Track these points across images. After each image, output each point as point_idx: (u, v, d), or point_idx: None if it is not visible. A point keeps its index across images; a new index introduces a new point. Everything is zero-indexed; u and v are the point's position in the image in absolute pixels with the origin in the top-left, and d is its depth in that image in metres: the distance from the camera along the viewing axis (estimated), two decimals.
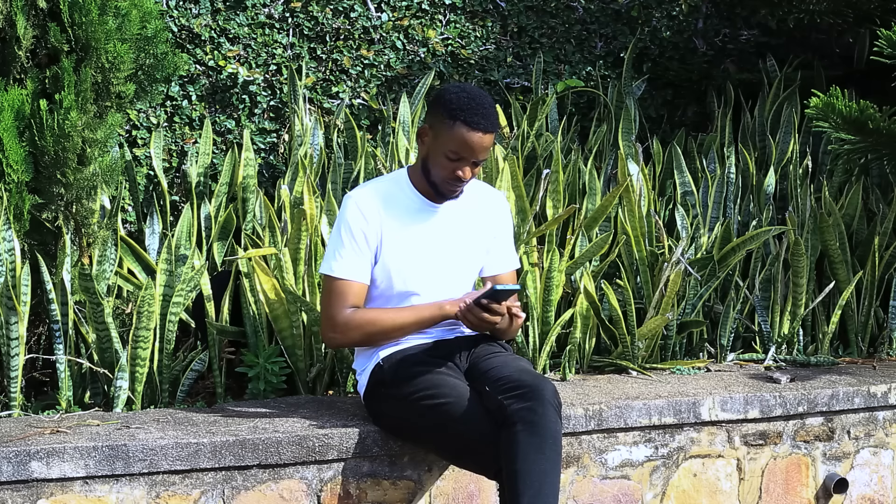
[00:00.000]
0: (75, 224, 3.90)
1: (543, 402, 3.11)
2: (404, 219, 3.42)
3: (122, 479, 3.17)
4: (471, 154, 3.33)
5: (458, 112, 3.31)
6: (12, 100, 3.69)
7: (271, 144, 5.11)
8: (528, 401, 3.11)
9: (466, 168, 3.35)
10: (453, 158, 3.33)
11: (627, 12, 5.75)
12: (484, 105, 3.33)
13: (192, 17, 5.00)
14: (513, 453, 3.07)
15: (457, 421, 3.20)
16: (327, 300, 3.40)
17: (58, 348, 3.68)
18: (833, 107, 4.49)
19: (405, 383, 3.32)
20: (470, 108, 3.31)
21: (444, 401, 3.23)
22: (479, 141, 3.32)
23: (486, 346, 3.47)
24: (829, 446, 4.10)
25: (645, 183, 4.62)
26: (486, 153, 3.36)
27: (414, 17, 5.37)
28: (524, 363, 3.37)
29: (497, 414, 3.16)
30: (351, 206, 3.41)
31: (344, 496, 3.38)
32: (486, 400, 3.21)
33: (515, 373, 3.23)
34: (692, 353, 4.51)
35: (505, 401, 3.13)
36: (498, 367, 3.29)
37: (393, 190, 3.45)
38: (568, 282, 4.31)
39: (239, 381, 4.04)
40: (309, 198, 4.00)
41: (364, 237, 3.38)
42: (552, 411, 3.12)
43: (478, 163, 3.37)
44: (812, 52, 5.85)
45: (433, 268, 3.43)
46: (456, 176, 3.35)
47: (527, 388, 3.14)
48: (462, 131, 3.30)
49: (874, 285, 4.69)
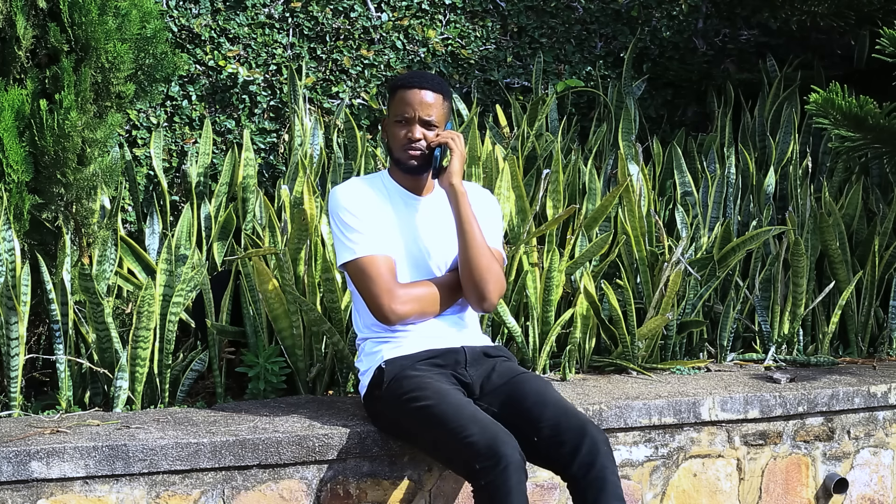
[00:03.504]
0: (75, 224, 3.90)
1: (607, 456, 3.15)
2: (386, 210, 3.46)
3: (122, 479, 3.17)
4: (412, 111, 3.41)
5: (397, 81, 3.49)
6: (12, 100, 3.69)
7: (271, 144, 5.11)
8: (592, 456, 3.13)
9: (415, 127, 3.41)
10: (401, 121, 3.42)
11: (627, 12, 5.75)
12: (422, 73, 3.53)
13: (192, 17, 5.00)
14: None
15: (438, 424, 3.17)
16: (368, 281, 3.36)
17: (58, 348, 3.68)
18: (833, 102, 4.49)
19: (399, 386, 3.32)
20: (406, 75, 3.51)
21: (427, 403, 3.22)
22: (418, 97, 3.41)
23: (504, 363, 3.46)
24: (829, 446, 4.10)
25: (645, 183, 4.62)
26: (433, 111, 3.43)
27: (414, 17, 5.37)
28: (560, 397, 3.34)
29: (552, 464, 3.22)
30: (342, 194, 3.45)
31: (344, 496, 3.38)
32: (536, 445, 3.22)
33: (562, 416, 3.22)
34: (692, 353, 4.52)
35: (563, 458, 3.16)
36: (538, 406, 3.26)
37: (374, 184, 3.51)
38: (568, 282, 4.31)
39: (239, 381, 4.04)
40: (309, 198, 4.00)
41: (367, 214, 3.41)
42: (612, 463, 3.16)
43: (427, 123, 3.42)
44: (812, 52, 5.85)
45: (415, 258, 3.44)
46: (406, 138, 3.41)
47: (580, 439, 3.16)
48: (400, 93, 3.44)
49: (874, 285, 4.69)
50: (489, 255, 3.42)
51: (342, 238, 3.41)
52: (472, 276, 3.41)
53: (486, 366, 3.43)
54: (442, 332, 3.45)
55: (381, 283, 3.35)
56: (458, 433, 3.09)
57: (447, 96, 3.47)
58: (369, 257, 3.37)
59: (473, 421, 3.12)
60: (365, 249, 3.38)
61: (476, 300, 3.44)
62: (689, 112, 5.88)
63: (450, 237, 3.49)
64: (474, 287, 3.42)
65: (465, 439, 3.07)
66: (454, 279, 3.47)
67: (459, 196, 3.41)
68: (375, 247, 3.38)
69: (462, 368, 3.40)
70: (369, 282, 3.36)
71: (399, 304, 3.36)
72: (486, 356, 3.45)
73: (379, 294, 3.35)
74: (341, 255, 3.42)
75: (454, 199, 3.42)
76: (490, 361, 3.45)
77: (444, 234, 3.49)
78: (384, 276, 3.35)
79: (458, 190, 3.41)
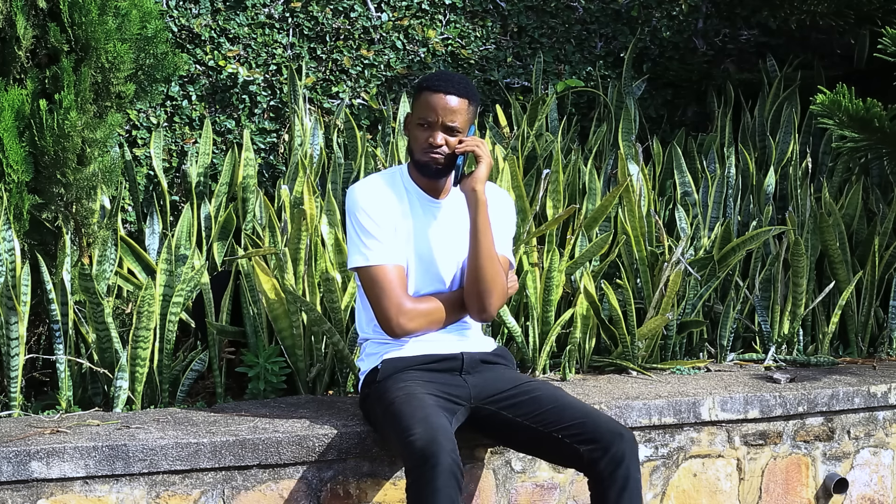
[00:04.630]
0: (75, 224, 3.90)
1: (634, 456, 3.19)
2: (404, 212, 3.42)
3: (122, 479, 3.17)
4: (436, 115, 3.36)
5: (424, 82, 3.43)
6: (12, 100, 3.69)
7: (271, 144, 5.11)
8: (621, 456, 3.17)
9: (437, 133, 3.37)
10: (423, 125, 3.38)
11: (627, 12, 5.76)
12: (449, 75, 3.44)
13: (192, 17, 5.01)
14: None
15: (394, 423, 3.16)
16: (378, 291, 3.34)
17: (58, 348, 3.68)
18: (839, 104, 4.49)
19: (385, 387, 3.32)
20: (435, 77, 3.43)
21: (391, 402, 3.22)
22: (442, 101, 3.36)
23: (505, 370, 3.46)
24: (829, 446, 4.10)
25: (645, 183, 4.62)
26: (456, 117, 3.37)
27: (414, 17, 5.37)
28: (576, 399, 3.36)
29: (576, 461, 3.25)
30: (360, 195, 3.39)
31: (344, 496, 3.38)
32: (558, 445, 3.24)
33: (587, 417, 3.25)
34: (692, 353, 4.52)
35: (591, 454, 3.19)
36: (557, 409, 3.28)
37: (392, 183, 3.46)
38: (568, 282, 4.31)
39: (239, 381, 4.04)
40: (309, 198, 4.00)
41: (385, 220, 3.37)
42: (637, 462, 3.20)
43: (451, 129, 3.37)
44: (812, 52, 5.85)
45: (426, 263, 3.43)
46: (428, 143, 3.37)
47: (612, 437, 3.19)
48: (426, 95, 3.38)
49: (874, 285, 4.69)
50: (497, 267, 3.41)
51: (357, 241, 3.38)
52: (476, 286, 3.40)
53: (486, 372, 3.42)
54: (443, 337, 3.44)
55: (392, 297, 3.34)
56: (404, 432, 3.09)
57: (473, 100, 3.41)
58: (382, 267, 3.35)
59: (422, 422, 3.11)
60: (379, 258, 3.35)
61: (476, 310, 3.43)
62: (689, 112, 5.88)
63: (463, 244, 3.46)
64: (476, 297, 3.41)
65: (407, 438, 3.07)
66: (462, 296, 3.46)
67: (480, 205, 3.38)
68: (389, 256, 3.36)
69: (458, 375, 3.39)
70: (380, 292, 3.35)
71: (407, 321, 3.36)
72: (484, 363, 3.45)
73: (389, 307, 3.34)
74: (354, 259, 3.39)
75: (474, 205, 3.39)
76: (489, 368, 3.44)
77: (457, 240, 3.46)
78: (396, 289, 3.34)
79: (480, 199, 3.38)
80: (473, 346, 3.46)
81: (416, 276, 3.42)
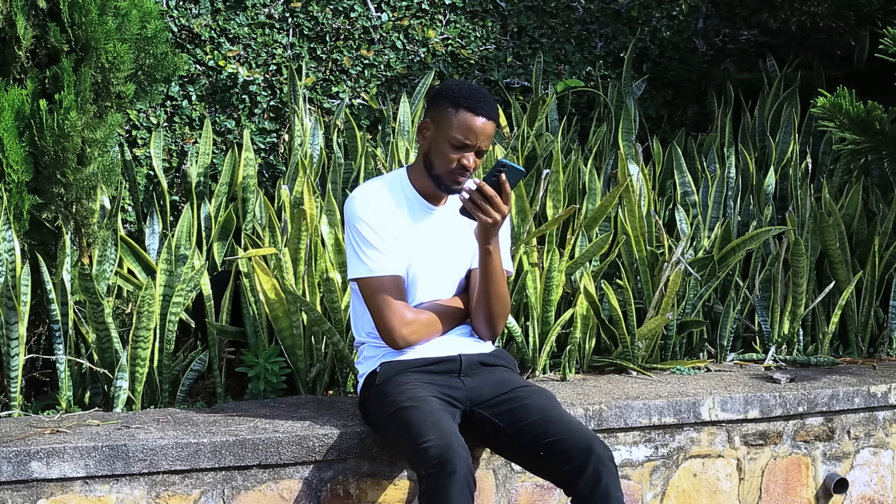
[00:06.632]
0: (75, 224, 3.90)
1: (611, 473, 3.15)
2: (403, 220, 3.41)
3: (122, 479, 3.17)
4: (474, 139, 3.33)
5: (461, 99, 3.34)
6: (12, 100, 3.69)
7: (271, 144, 5.11)
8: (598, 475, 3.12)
9: (470, 155, 3.34)
10: (457, 146, 3.34)
11: (627, 12, 5.76)
12: (485, 94, 3.39)
13: (192, 17, 5.01)
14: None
15: (404, 428, 3.15)
16: (381, 303, 3.33)
17: (58, 348, 3.68)
18: (840, 107, 4.49)
19: (386, 389, 3.31)
20: (472, 96, 3.35)
21: (399, 407, 3.21)
22: (482, 127, 3.33)
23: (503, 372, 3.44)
24: (829, 446, 4.10)
25: (645, 183, 4.62)
26: (489, 142, 3.37)
27: (414, 17, 5.37)
28: (563, 412, 3.32)
29: (558, 479, 3.22)
30: (360, 203, 3.38)
31: (344, 496, 3.38)
32: (540, 462, 3.23)
33: (567, 433, 3.21)
34: (692, 353, 4.52)
35: (568, 475, 3.15)
36: (543, 422, 3.24)
37: (392, 190, 3.44)
38: (568, 282, 4.31)
39: (239, 381, 4.04)
40: (309, 198, 4.00)
41: (386, 230, 3.36)
42: (616, 479, 3.16)
43: (481, 152, 3.37)
44: (812, 52, 5.85)
45: (424, 271, 3.42)
46: (461, 165, 3.34)
47: (586, 456, 3.15)
48: (466, 116, 3.33)
49: (874, 285, 4.69)
50: (506, 296, 3.44)
51: (357, 251, 3.37)
52: (487, 316, 3.43)
53: (484, 374, 3.41)
54: (440, 339, 3.44)
55: (393, 308, 3.33)
56: (417, 438, 3.08)
57: (497, 119, 3.42)
58: (383, 278, 3.34)
59: (434, 427, 3.10)
60: (380, 269, 3.34)
61: (485, 332, 3.47)
62: (689, 112, 5.88)
63: (460, 251, 3.46)
64: (486, 323, 3.45)
65: (420, 444, 3.06)
66: (461, 309, 3.46)
67: (493, 259, 3.37)
68: (389, 266, 3.35)
69: (456, 377, 3.38)
70: (382, 303, 3.34)
71: (409, 332, 3.36)
72: (482, 365, 3.43)
73: (390, 318, 3.33)
74: (354, 269, 3.38)
75: (485, 257, 3.37)
76: (488, 370, 3.43)
77: (455, 247, 3.45)
78: (396, 301, 3.34)
79: (494, 257, 3.37)
80: (471, 348, 3.45)
81: (416, 284, 3.41)
